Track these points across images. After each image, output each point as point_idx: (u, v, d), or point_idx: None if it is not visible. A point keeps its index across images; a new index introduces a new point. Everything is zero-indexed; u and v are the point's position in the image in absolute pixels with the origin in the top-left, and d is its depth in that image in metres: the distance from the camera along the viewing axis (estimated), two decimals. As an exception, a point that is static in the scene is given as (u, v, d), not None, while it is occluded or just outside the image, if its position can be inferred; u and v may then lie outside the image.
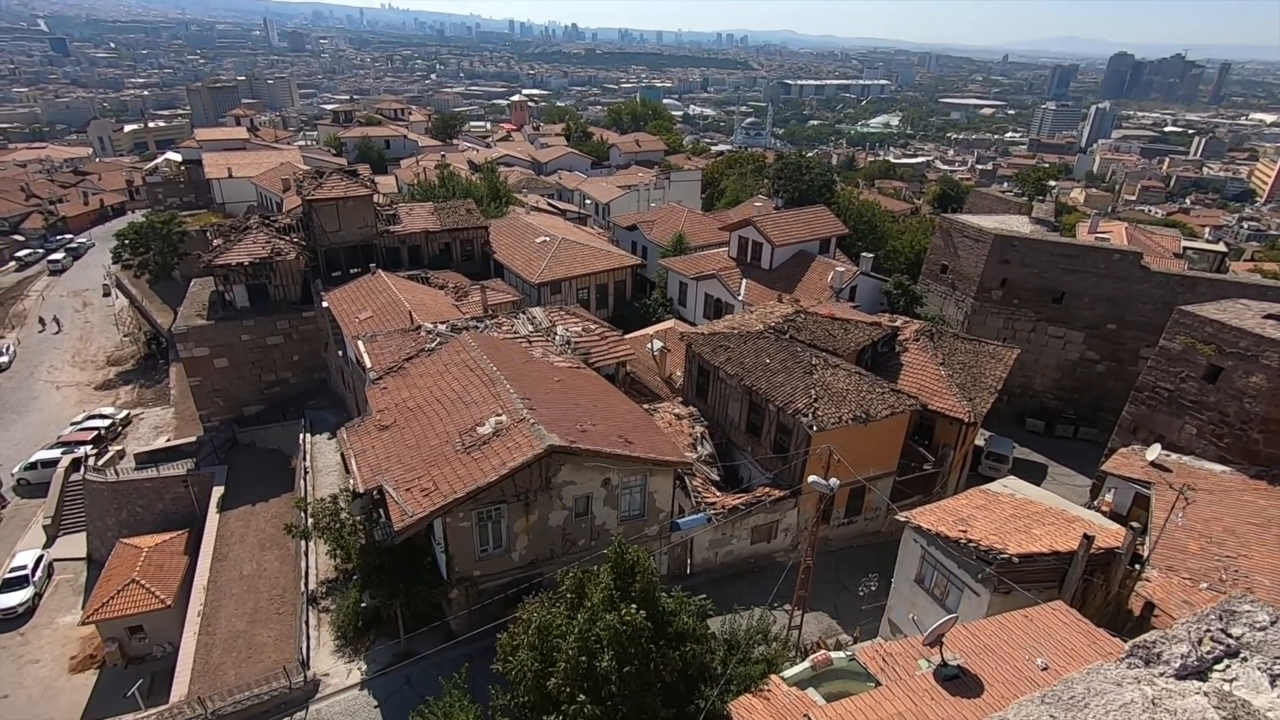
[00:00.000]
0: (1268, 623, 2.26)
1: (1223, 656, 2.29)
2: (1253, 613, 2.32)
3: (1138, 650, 2.33)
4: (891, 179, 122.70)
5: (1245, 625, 2.34)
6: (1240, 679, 2.29)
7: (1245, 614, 2.34)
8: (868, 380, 26.59)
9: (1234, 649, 2.30)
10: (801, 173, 59.91)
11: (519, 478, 20.21)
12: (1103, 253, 36.78)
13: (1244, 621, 2.34)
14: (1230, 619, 2.36)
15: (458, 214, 45.39)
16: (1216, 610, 2.43)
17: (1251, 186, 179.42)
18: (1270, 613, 2.30)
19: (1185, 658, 2.29)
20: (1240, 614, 2.35)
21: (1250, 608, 2.34)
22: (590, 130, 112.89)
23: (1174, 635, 2.35)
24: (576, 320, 31.99)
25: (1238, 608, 2.39)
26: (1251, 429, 24.06)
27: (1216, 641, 2.31)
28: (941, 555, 18.77)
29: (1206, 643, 2.30)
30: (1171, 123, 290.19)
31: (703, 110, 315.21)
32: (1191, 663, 2.30)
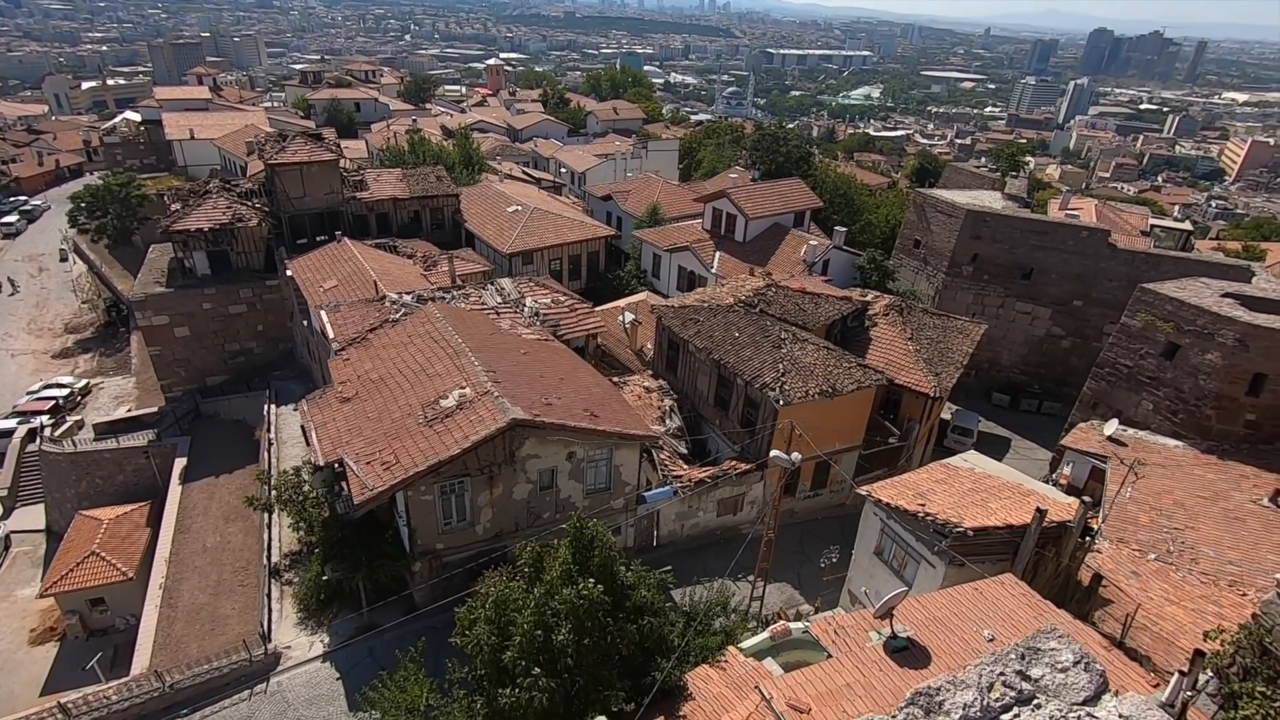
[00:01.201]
0: (1070, 662, 2.16)
1: (1013, 704, 2.18)
2: (1057, 651, 2.21)
3: (919, 699, 2.22)
4: (871, 152, 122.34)
5: (1047, 665, 2.24)
6: (1026, 733, 2.17)
7: (1049, 652, 2.23)
8: (835, 355, 26.69)
9: (1028, 695, 2.19)
10: (779, 144, 59.33)
11: (482, 451, 20.04)
12: (1071, 230, 37.10)
13: (1046, 661, 2.23)
14: (1033, 658, 2.26)
15: (427, 181, 44.35)
16: (1020, 647, 2.32)
17: (1221, 165, 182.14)
18: (1076, 651, 2.20)
19: (968, 709, 2.18)
20: (1044, 652, 2.24)
21: (1056, 645, 2.24)
22: (568, 97, 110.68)
23: (962, 681, 2.24)
24: (546, 292, 31.60)
25: (1043, 644, 2.28)
26: (1205, 405, 24.63)
27: (1009, 687, 2.20)
28: (900, 528, 19.06)
29: (998, 688, 2.19)
30: (1147, 100, 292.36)
31: (684, 78, 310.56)
32: (974, 714, 2.19)
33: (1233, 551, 20.23)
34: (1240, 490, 22.39)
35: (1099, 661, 2.28)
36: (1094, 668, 2.22)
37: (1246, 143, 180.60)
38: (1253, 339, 23.46)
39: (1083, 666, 2.19)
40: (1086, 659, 2.23)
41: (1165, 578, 19.59)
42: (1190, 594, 18.95)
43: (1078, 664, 2.18)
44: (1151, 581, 19.45)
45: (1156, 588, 19.22)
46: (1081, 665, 2.17)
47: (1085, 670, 2.20)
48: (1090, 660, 2.24)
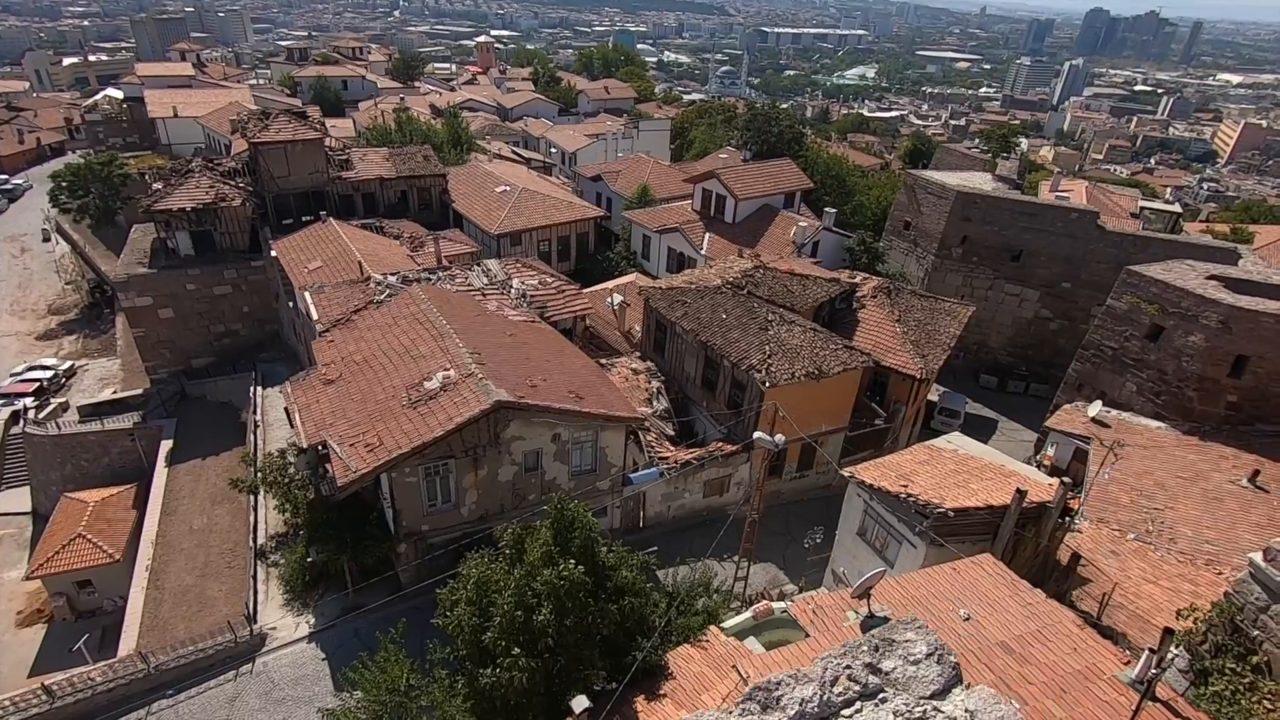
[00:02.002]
0: (923, 654, 2.11)
1: (856, 699, 2.13)
2: (912, 643, 2.15)
3: (756, 694, 2.16)
4: (865, 133, 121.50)
5: (900, 657, 2.18)
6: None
7: (904, 644, 2.18)
8: (822, 337, 26.68)
9: (874, 689, 2.13)
10: (771, 124, 58.78)
11: (467, 433, 20.00)
12: (1061, 211, 37.06)
13: (900, 653, 2.18)
14: (887, 649, 2.20)
15: (414, 161, 43.83)
16: (875, 638, 2.26)
17: (1214, 148, 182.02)
18: (931, 643, 2.14)
19: (805, 704, 2.12)
20: (899, 644, 2.18)
21: (913, 636, 2.18)
22: (559, 75, 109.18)
23: (805, 675, 2.19)
24: (533, 273, 31.39)
25: (899, 635, 2.23)
26: (1187, 387, 24.79)
27: (855, 681, 2.14)
28: (883, 509, 19.18)
29: (843, 682, 2.14)
30: (1142, 82, 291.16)
31: (677, 57, 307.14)
32: (811, 710, 2.13)
33: (1210, 531, 20.48)
34: (1219, 471, 22.62)
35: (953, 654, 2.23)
36: (947, 660, 2.18)
37: (1239, 125, 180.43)
38: (1236, 321, 23.56)
39: (935, 659, 2.14)
40: (940, 651, 2.19)
41: (1143, 557, 19.84)
42: (1167, 573, 19.20)
43: (930, 656, 2.12)
44: (1130, 561, 19.69)
45: (1134, 567, 19.46)
46: (934, 658, 2.12)
47: (938, 663, 2.16)
48: (944, 652, 2.20)
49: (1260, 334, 23.36)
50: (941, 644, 2.29)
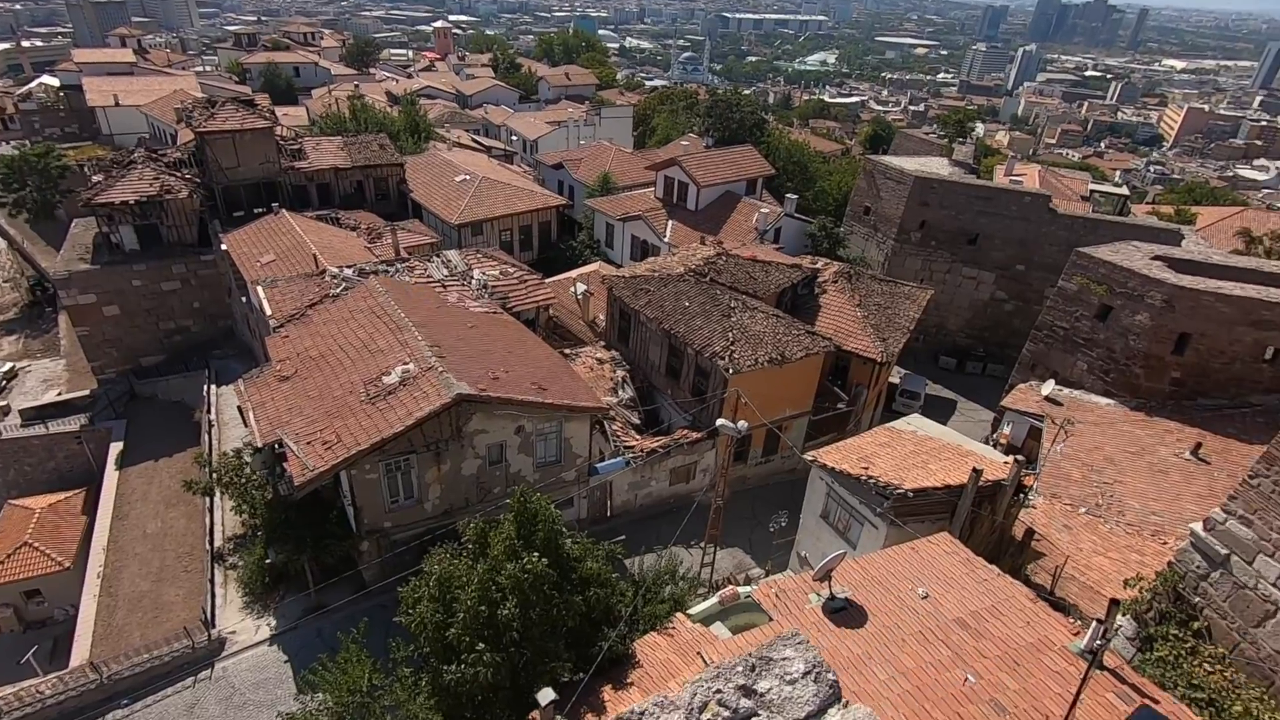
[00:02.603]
0: (800, 673, 2.08)
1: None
2: (789, 660, 2.12)
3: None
4: (826, 118, 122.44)
5: (777, 677, 2.14)
6: (733, 758, 2.09)
7: (781, 662, 2.14)
8: (784, 322, 26.89)
9: (746, 713, 2.09)
10: (733, 111, 58.86)
11: (428, 428, 19.70)
12: (1014, 195, 37.86)
13: (777, 672, 2.14)
14: (763, 669, 2.16)
15: (370, 150, 42.78)
16: (752, 658, 2.23)
17: (1160, 132, 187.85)
18: (809, 660, 2.11)
19: None
20: (776, 662, 2.15)
21: (791, 654, 2.15)
22: (519, 62, 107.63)
23: (671, 702, 2.15)
24: (494, 263, 30.97)
25: (776, 654, 2.20)
26: (1134, 365, 25.62)
27: (725, 705, 2.10)
28: (845, 491, 19.48)
29: (712, 707, 2.09)
30: (1092, 67, 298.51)
31: (639, 43, 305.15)
32: None
33: (1156, 503, 21.26)
34: (1164, 445, 23.47)
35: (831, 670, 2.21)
36: (825, 677, 2.14)
37: (1183, 110, 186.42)
38: (1179, 300, 24.38)
39: (813, 677, 2.11)
40: (819, 668, 2.16)
41: (1094, 530, 20.51)
42: (1116, 544, 19.89)
43: (808, 674, 2.08)
44: (1081, 534, 20.34)
45: (1086, 540, 20.11)
46: (812, 675, 2.08)
47: (815, 681, 2.13)
48: (822, 670, 2.17)
49: (1201, 312, 24.22)
50: (820, 661, 2.25)
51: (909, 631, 12.32)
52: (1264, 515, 13.23)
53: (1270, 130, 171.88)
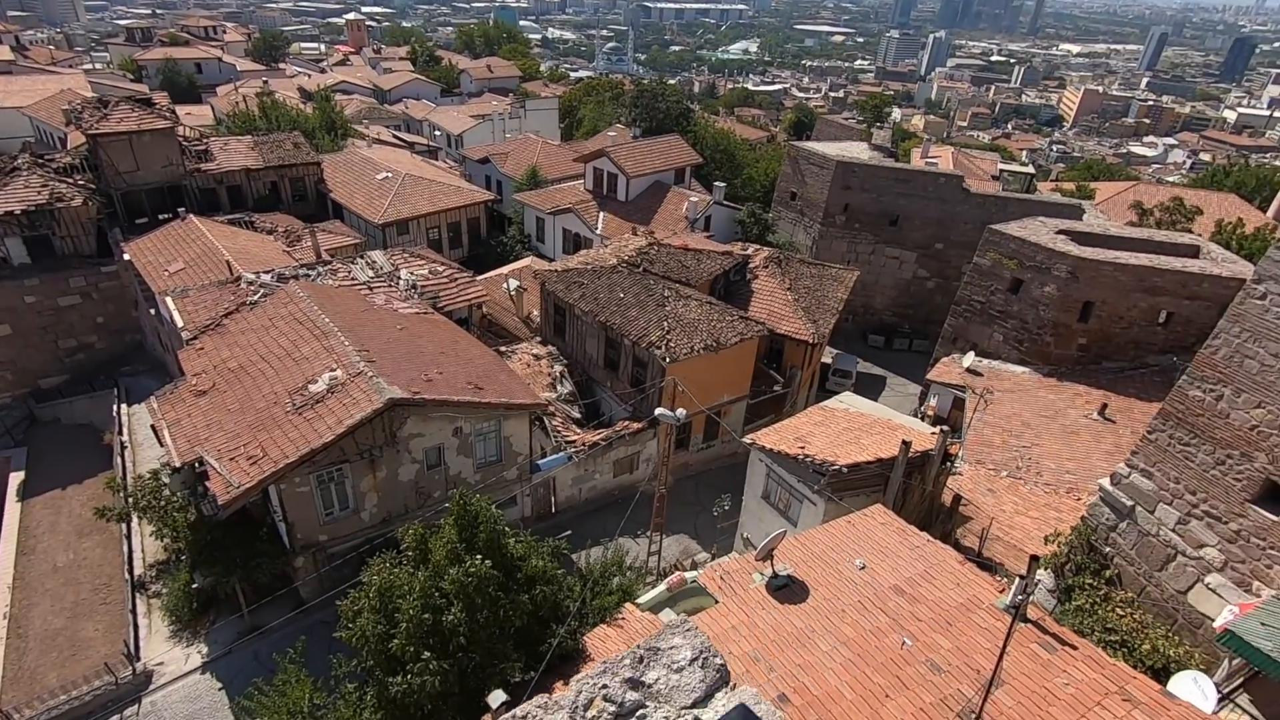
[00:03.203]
0: (687, 660, 2.13)
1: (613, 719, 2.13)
2: (677, 649, 2.17)
3: None
4: (750, 107, 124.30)
5: (664, 667, 2.19)
6: (617, 753, 2.13)
7: (668, 651, 2.20)
8: (718, 309, 27.24)
9: (632, 706, 2.14)
10: (659, 101, 59.03)
11: (360, 435, 19.09)
12: (931, 177, 39.39)
13: (664, 662, 2.19)
14: (651, 659, 2.22)
15: (284, 149, 40.84)
16: (640, 649, 2.28)
17: (1060, 113, 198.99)
18: (697, 646, 2.16)
19: None
20: (663, 652, 2.20)
21: (679, 641, 2.20)
22: (439, 54, 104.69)
23: (556, 702, 2.18)
24: (423, 262, 30.17)
25: (664, 643, 2.25)
26: (1044, 333, 27.15)
27: (611, 700, 2.14)
28: (783, 471, 19.94)
29: (597, 704, 2.13)
30: (997, 52, 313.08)
31: (562, 34, 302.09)
32: None
33: (1070, 462, 22.66)
34: (1074, 407, 25.01)
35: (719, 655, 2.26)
36: (712, 662, 2.19)
37: (1080, 91, 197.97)
38: (1082, 271, 25.94)
39: (700, 663, 2.15)
40: (706, 654, 2.20)
41: (1015, 491, 21.70)
42: (1036, 504, 21.10)
43: (695, 660, 2.12)
44: (1004, 496, 21.50)
45: (1008, 501, 21.26)
46: (699, 662, 2.12)
47: (702, 667, 2.17)
48: (709, 655, 2.21)
49: (1101, 281, 25.86)
50: (708, 646, 2.28)
51: (848, 602, 12.74)
52: (1162, 467, 14.27)
53: (1157, 109, 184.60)
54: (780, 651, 11.89)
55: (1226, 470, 13.20)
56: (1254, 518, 12.85)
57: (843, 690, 10.94)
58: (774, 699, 10.90)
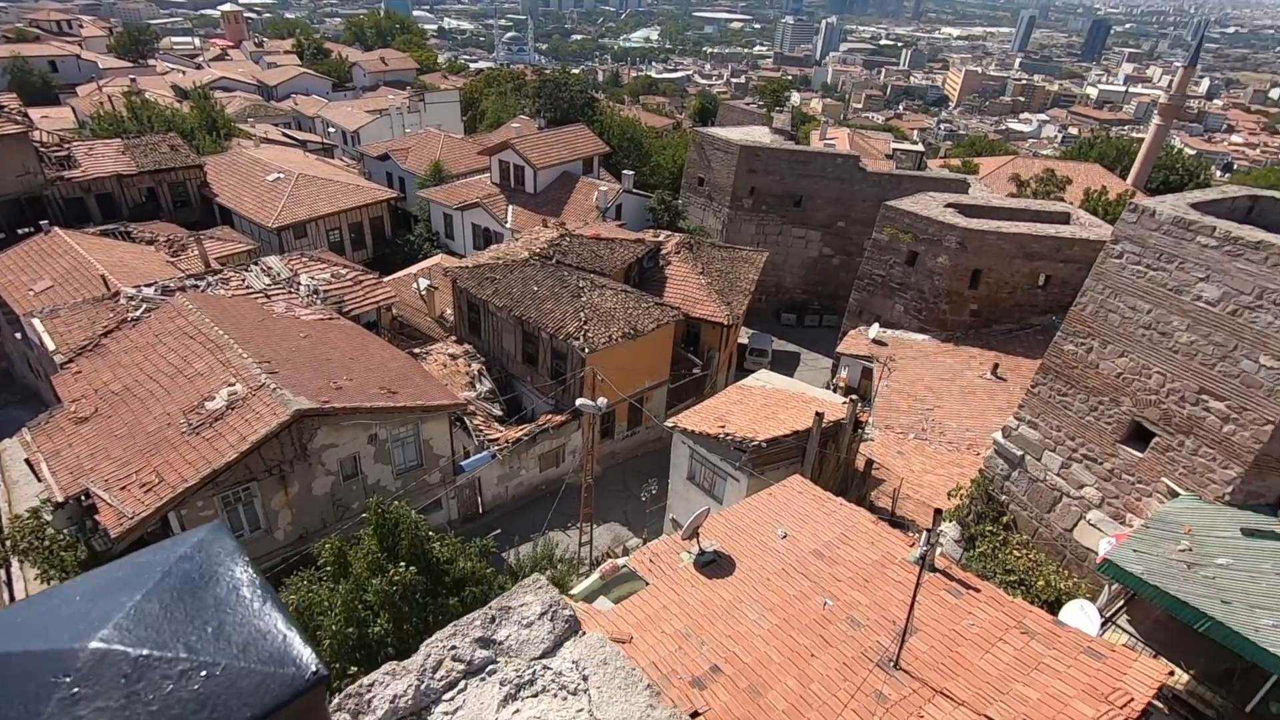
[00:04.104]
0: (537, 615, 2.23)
1: (460, 678, 2.22)
2: (527, 606, 2.26)
3: (347, 701, 2.19)
4: (655, 94, 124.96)
5: (515, 623, 2.29)
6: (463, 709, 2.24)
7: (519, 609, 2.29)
8: (634, 297, 27.42)
9: (481, 664, 2.23)
10: (562, 90, 58.54)
11: (267, 451, 18.16)
12: (829, 158, 40.88)
13: (515, 619, 2.29)
14: (502, 618, 2.31)
15: (159, 152, 38.01)
16: (491, 609, 2.38)
17: (945, 93, 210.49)
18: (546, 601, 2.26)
19: (397, 700, 2.18)
20: (514, 610, 2.29)
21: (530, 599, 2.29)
22: (328, 47, 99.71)
23: (405, 667, 2.26)
24: (324, 266, 28.84)
25: (514, 601, 2.34)
26: (940, 301, 28.83)
27: (460, 660, 2.23)
28: (706, 451, 20.39)
29: (446, 664, 2.22)
30: (885, 37, 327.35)
31: (459, 24, 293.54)
32: (405, 704, 2.20)
33: (968, 420, 24.22)
34: (970, 369, 26.73)
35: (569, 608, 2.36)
36: (561, 614, 2.28)
37: (961, 73, 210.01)
38: (969, 241, 27.66)
39: (549, 616, 2.24)
40: (555, 607, 2.30)
41: (922, 452, 23.03)
42: (941, 461, 22.47)
43: (544, 614, 2.20)
44: (912, 457, 22.77)
45: (916, 461, 22.54)
46: (549, 615, 2.21)
47: (551, 620, 2.26)
48: (559, 608, 2.31)
49: (987, 250, 27.67)
50: (558, 600, 2.35)
51: (773, 570, 13.21)
52: (1045, 418, 15.50)
53: (1029, 88, 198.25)
54: (711, 625, 12.22)
55: (1099, 416, 14.49)
56: (1124, 456, 14.18)
57: (771, 655, 11.36)
58: (707, 671, 11.21)
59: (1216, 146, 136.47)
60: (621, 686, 2.01)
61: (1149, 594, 11.48)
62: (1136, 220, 13.67)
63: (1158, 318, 13.38)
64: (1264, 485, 12.47)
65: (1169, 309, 13.20)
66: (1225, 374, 12.50)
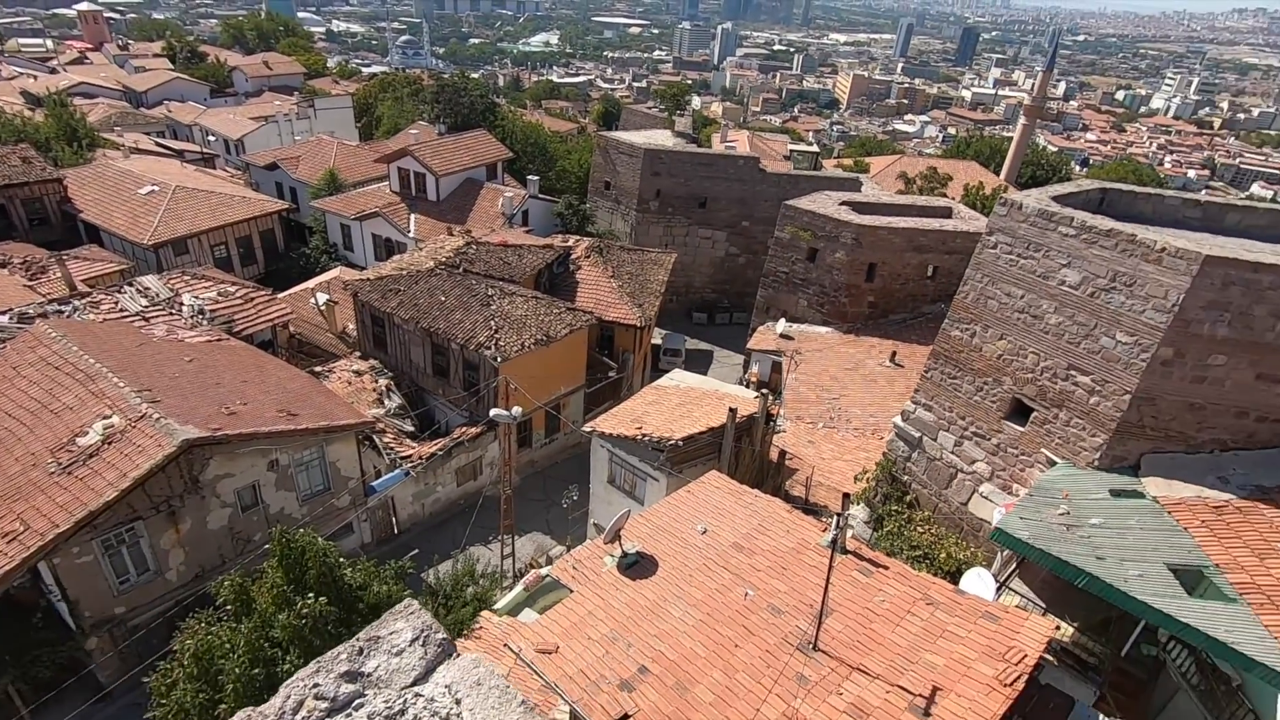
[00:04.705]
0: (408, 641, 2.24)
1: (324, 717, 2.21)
2: (399, 632, 2.26)
3: None
4: (558, 99, 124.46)
5: (385, 653, 2.30)
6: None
7: (389, 637, 2.29)
8: (545, 303, 27.20)
9: (346, 699, 2.23)
10: (462, 95, 57.29)
11: (153, 486, 16.79)
12: (731, 160, 42.02)
13: (385, 648, 2.29)
14: (371, 648, 2.31)
15: (9, 165, 34.44)
16: (360, 640, 2.37)
17: (836, 96, 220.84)
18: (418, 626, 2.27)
19: None
20: (383, 639, 2.30)
21: (401, 625, 2.31)
22: (203, 50, 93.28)
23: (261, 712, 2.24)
24: (209, 284, 26.98)
25: (384, 630, 2.35)
26: (840, 295, 30.20)
27: (323, 699, 2.22)
28: (625, 453, 20.48)
29: (308, 705, 2.20)
30: (778, 42, 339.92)
31: (349, 26, 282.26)
32: None
33: (872, 406, 25.48)
34: (871, 358, 28.13)
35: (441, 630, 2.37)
36: (433, 638, 2.29)
37: (850, 77, 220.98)
38: (863, 236, 29.14)
39: (421, 641, 2.24)
40: (428, 631, 2.30)
41: (831, 439, 24.03)
42: (849, 448, 23.52)
43: (416, 640, 2.20)
44: (822, 445, 23.71)
45: (826, 449, 23.49)
46: (420, 640, 2.21)
47: (423, 645, 2.27)
48: (431, 632, 2.31)
49: (880, 244, 29.23)
50: (430, 624, 2.33)
51: (695, 566, 13.43)
52: (938, 400, 16.52)
53: (911, 91, 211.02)
54: (636, 626, 12.27)
55: (984, 395, 15.59)
56: (1008, 431, 15.32)
57: (697, 650, 11.54)
58: (634, 673, 11.25)
59: (1074, 144, 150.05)
60: (496, 706, 1.98)
61: (1035, 557, 12.45)
62: (1007, 213, 14.81)
63: (1030, 302, 14.54)
64: (1126, 450, 13.79)
65: (1039, 294, 14.38)
66: (1089, 351, 13.75)
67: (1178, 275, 12.27)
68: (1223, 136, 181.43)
